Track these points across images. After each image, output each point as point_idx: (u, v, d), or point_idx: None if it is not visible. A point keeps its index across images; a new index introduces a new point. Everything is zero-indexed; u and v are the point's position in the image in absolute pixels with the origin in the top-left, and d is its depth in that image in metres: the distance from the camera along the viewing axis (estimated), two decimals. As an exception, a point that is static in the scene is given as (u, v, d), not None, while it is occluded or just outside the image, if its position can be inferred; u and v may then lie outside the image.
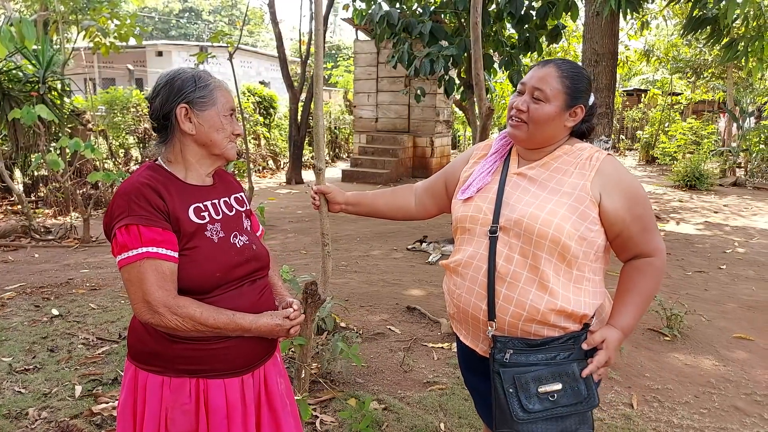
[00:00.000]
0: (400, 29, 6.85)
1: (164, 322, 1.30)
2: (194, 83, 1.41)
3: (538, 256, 1.42)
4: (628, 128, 20.78)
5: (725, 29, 6.84)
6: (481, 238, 1.52)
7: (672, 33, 16.04)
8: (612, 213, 1.44)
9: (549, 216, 1.42)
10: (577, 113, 1.52)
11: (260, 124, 13.29)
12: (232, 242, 1.45)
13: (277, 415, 1.51)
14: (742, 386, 3.09)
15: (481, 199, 1.56)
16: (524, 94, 1.52)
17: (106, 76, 21.25)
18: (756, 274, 5.44)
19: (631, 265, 1.52)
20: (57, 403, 2.70)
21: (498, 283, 1.46)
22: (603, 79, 7.62)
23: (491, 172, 1.61)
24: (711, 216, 8.67)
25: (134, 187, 1.34)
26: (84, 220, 6.31)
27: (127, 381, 1.43)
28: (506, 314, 1.45)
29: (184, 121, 1.41)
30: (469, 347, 1.59)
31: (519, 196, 1.50)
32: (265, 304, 1.50)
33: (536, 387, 1.41)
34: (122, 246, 1.31)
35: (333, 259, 2.09)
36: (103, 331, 3.61)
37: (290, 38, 22.75)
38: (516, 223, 1.45)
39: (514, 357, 1.44)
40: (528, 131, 1.51)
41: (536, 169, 1.53)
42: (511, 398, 1.41)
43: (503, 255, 1.47)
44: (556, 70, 1.49)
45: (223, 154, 1.46)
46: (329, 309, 3.43)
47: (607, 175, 1.47)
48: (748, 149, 12.71)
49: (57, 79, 7.45)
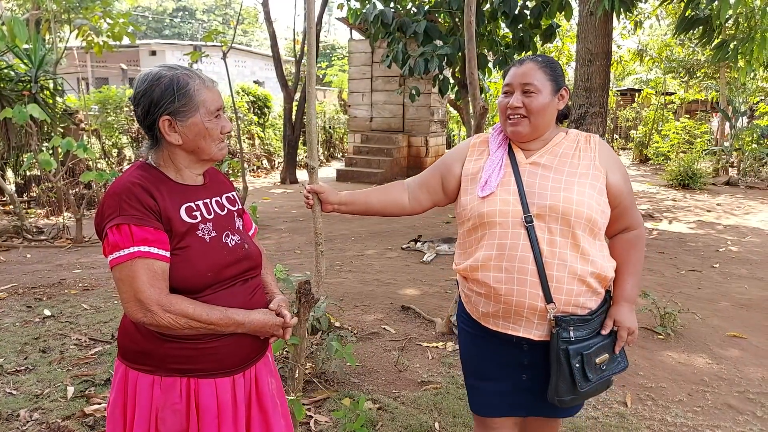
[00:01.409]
0: (394, 29, 6.86)
1: (156, 320, 1.29)
2: (173, 92, 1.36)
3: (577, 234, 1.55)
4: (622, 128, 20.87)
5: (717, 29, 6.87)
6: (516, 230, 1.58)
7: (665, 33, 16.12)
8: (615, 186, 1.63)
9: (580, 197, 1.56)
10: (563, 95, 1.67)
11: (254, 124, 13.26)
12: (224, 242, 1.44)
13: (267, 416, 1.50)
14: (735, 384, 3.10)
15: (504, 192, 1.61)
16: (513, 94, 1.64)
17: (99, 75, 21.12)
18: (749, 272, 5.47)
19: (621, 239, 1.70)
20: (49, 404, 2.68)
21: (548, 267, 1.55)
22: (597, 79, 7.65)
23: (502, 166, 1.67)
24: (704, 215, 8.72)
25: (125, 187, 1.33)
26: (77, 220, 6.28)
27: (117, 381, 1.42)
28: (562, 294, 1.56)
29: (169, 132, 1.38)
30: (521, 337, 1.62)
31: (542, 184, 1.60)
32: (257, 304, 1.49)
33: (595, 359, 1.60)
34: (114, 245, 1.29)
35: (328, 258, 2.08)
36: (95, 332, 3.59)
37: (285, 38, 22.66)
38: (552, 208, 1.55)
39: (576, 333, 1.58)
40: (530, 124, 1.63)
41: (546, 157, 1.65)
42: (577, 372, 1.57)
43: (545, 240, 1.56)
44: (534, 63, 1.64)
45: (212, 158, 1.45)
46: (324, 309, 3.42)
47: (606, 155, 1.65)
48: (741, 148, 12.79)
49: (49, 79, 7.40)
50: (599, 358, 1.61)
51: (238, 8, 17.01)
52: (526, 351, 1.64)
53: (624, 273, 1.68)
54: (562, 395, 1.59)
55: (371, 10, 6.98)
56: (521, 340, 1.63)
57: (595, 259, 1.58)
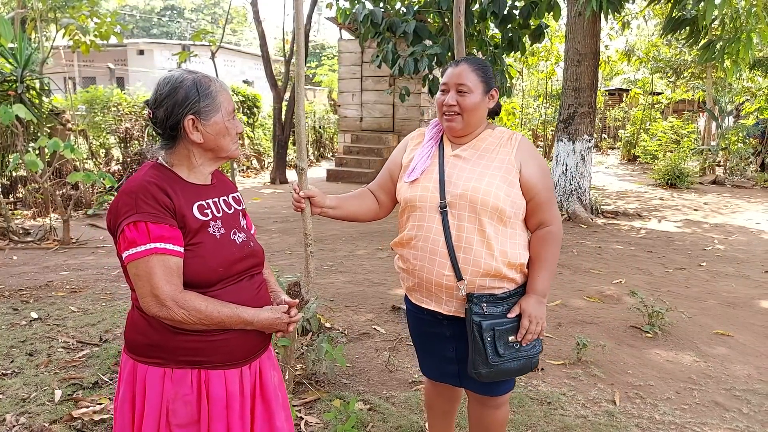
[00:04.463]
0: (384, 28, 6.85)
1: (171, 315, 1.35)
2: (197, 92, 1.43)
3: (483, 221, 1.73)
4: (610, 127, 21.03)
5: (704, 30, 6.94)
6: (432, 214, 1.78)
7: (652, 33, 16.25)
8: (528, 179, 1.77)
9: (488, 188, 1.73)
10: (493, 95, 1.84)
11: (244, 124, 13.19)
12: (233, 239, 1.51)
13: (270, 407, 1.56)
14: (722, 382, 3.14)
15: (426, 180, 1.82)
16: (449, 92, 1.80)
17: (86, 74, 20.91)
18: (735, 270, 5.53)
19: (536, 235, 1.83)
20: (36, 408, 2.65)
21: (456, 249, 1.74)
22: (585, 79, 7.71)
23: (430, 156, 1.87)
24: (691, 214, 8.81)
25: (141, 186, 1.39)
26: (64, 222, 6.21)
27: (126, 374, 1.46)
28: (467, 274, 1.74)
29: (193, 131, 1.45)
30: (433, 311, 1.84)
31: (458, 174, 1.79)
32: (263, 298, 1.57)
33: (507, 336, 1.76)
34: (131, 242, 1.34)
35: (318, 259, 2.10)
36: (83, 334, 3.56)
37: (274, 37, 22.61)
38: (461, 197, 1.74)
39: (488, 309, 1.74)
40: (463, 120, 1.80)
41: (468, 150, 1.83)
42: (489, 345, 1.73)
43: (455, 226, 1.75)
44: (468, 65, 1.80)
45: (229, 155, 1.54)
46: (314, 309, 3.41)
47: (524, 150, 1.81)
48: (727, 148, 12.93)
49: (35, 78, 7.31)
50: (513, 337, 1.77)
51: (227, 7, 16.93)
52: (445, 325, 1.85)
53: (536, 267, 1.81)
54: (478, 368, 1.75)
55: (360, 10, 6.97)
56: (437, 314, 1.84)
57: (501, 246, 1.74)
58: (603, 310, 4.24)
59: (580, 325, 3.89)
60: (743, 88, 14.64)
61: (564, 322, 3.94)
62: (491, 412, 1.96)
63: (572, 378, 3.13)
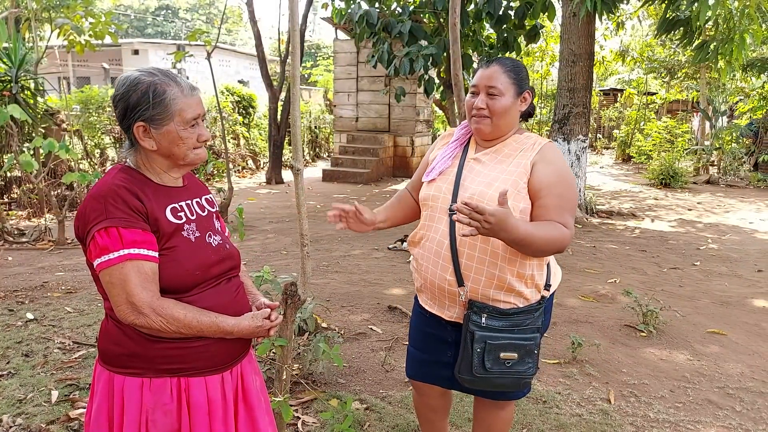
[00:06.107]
0: (379, 29, 6.87)
1: (148, 323, 1.30)
2: (149, 99, 1.35)
3: None
4: (605, 127, 21.09)
5: (698, 31, 6.98)
6: (442, 215, 1.76)
7: (647, 34, 16.32)
8: (536, 181, 1.67)
9: (494, 193, 1.62)
10: (526, 98, 1.77)
11: (239, 124, 13.17)
12: (208, 241, 1.46)
13: (253, 412, 1.53)
14: (716, 380, 3.17)
15: (442, 181, 1.80)
16: (479, 94, 1.74)
17: (80, 74, 20.84)
18: (729, 270, 5.57)
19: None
20: (32, 409, 2.65)
21: (459, 254, 1.70)
22: (580, 79, 7.73)
23: (452, 157, 1.83)
24: (685, 213, 8.86)
25: (110, 189, 1.33)
26: (59, 222, 6.19)
27: (101, 387, 1.40)
28: (469, 281, 1.69)
29: (143, 138, 1.39)
30: (435, 314, 1.81)
31: (473, 178, 1.74)
32: (241, 302, 1.53)
33: (499, 353, 1.68)
34: (103, 248, 1.29)
35: (314, 259, 2.11)
36: (79, 335, 3.55)
37: (270, 37, 22.58)
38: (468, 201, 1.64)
39: (488, 321, 1.68)
40: (492, 123, 1.74)
41: (489, 155, 1.77)
42: (476, 356, 1.68)
43: (461, 229, 1.65)
44: (500, 66, 1.73)
45: (188, 163, 1.45)
46: (310, 310, 3.42)
47: (543, 154, 1.71)
48: (721, 148, 13.00)
49: (30, 78, 7.29)
50: (505, 354, 1.68)
51: (222, 7, 16.90)
52: (449, 330, 1.81)
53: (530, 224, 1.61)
54: (462, 373, 1.73)
55: (356, 10, 6.98)
56: (441, 319, 1.80)
57: (509, 255, 1.66)
58: (598, 310, 4.26)
59: (575, 325, 3.91)
60: (737, 88, 14.72)
61: (559, 321, 3.96)
62: (495, 412, 1.95)
63: (567, 377, 3.15)
